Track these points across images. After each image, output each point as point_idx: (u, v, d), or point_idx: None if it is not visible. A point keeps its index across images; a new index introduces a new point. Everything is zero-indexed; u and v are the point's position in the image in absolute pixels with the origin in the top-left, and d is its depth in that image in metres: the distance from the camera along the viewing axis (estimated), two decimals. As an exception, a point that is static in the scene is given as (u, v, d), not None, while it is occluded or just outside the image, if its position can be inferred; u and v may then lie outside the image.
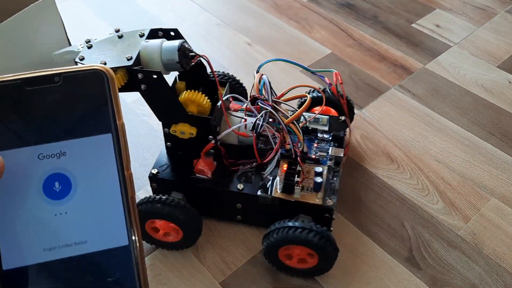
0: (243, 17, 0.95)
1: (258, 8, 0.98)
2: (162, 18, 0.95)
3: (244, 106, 0.57)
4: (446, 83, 0.81)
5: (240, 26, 0.93)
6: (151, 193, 0.59)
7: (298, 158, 0.53)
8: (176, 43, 0.50)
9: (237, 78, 0.68)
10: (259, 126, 0.51)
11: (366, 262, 0.57)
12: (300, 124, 0.58)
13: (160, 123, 0.56)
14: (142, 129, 0.73)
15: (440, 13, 0.96)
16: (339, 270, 0.56)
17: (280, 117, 0.51)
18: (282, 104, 0.53)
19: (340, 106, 0.63)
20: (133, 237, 0.25)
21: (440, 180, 0.66)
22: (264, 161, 0.54)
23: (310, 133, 0.61)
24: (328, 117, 0.62)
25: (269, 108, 0.51)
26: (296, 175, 0.52)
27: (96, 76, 0.25)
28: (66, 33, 0.64)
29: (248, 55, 0.86)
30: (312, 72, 0.59)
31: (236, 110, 0.59)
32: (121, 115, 0.26)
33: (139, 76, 0.48)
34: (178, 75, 0.58)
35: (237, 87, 0.67)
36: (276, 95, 0.55)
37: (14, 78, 0.24)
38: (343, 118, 0.62)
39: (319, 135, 0.60)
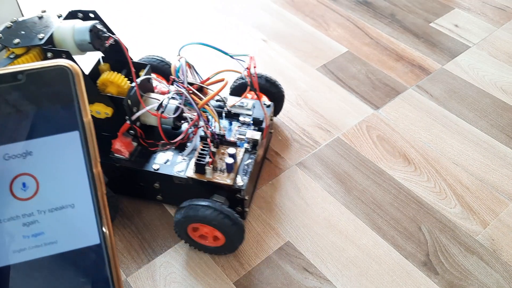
0: (259, 13, 0.94)
1: (274, 4, 0.97)
2: (177, 16, 0.95)
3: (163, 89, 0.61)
4: (464, 84, 0.80)
5: (256, 23, 0.92)
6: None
7: (208, 140, 0.55)
8: (88, 24, 0.50)
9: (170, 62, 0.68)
10: (165, 107, 0.55)
11: (382, 265, 0.56)
12: (226, 108, 0.62)
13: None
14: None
15: (458, 13, 0.95)
16: (354, 272, 0.55)
17: (194, 99, 0.54)
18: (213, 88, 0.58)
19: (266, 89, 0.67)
20: (105, 235, 0.24)
21: (458, 184, 0.65)
22: (171, 142, 0.56)
23: (232, 117, 0.62)
24: (254, 101, 0.63)
25: (183, 90, 0.54)
26: (208, 156, 0.54)
27: (61, 73, 0.24)
28: (18, 4, 0.66)
29: (263, 52, 0.86)
30: (231, 57, 0.61)
31: (164, 93, 0.60)
32: (88, 112, 0.24)
33: (49, 55, 0.48)
34: (103, 56, 0.58)
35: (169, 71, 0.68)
36: (202, 78, 0.59)
37: None
38: (268, 103, 0.64)
39: (241, 118, 0.62)
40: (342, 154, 0.69)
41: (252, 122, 0.61)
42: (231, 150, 0.56)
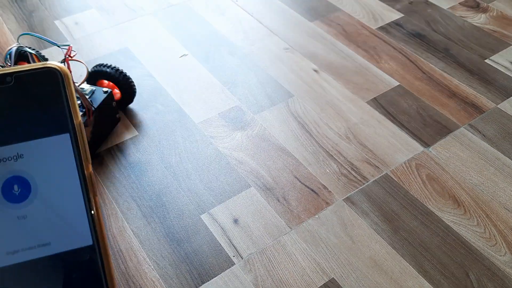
0: (311, 43, 0.96)
1: (326, 34, 0.98)
2: (232, 39, 0.97)
3: None
4: (519, 125, 0.78)
5: (308, 52, 0.94)
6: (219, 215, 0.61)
7: None
8: None
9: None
10: None
11: (427, 311, 0.56)
12: (82, 93, 0.67)
13: (229, 147, 0.57)
14: (209, 151, 0.75)
15: (516, 50, 0.93)
16: (399, 317, 0.55)
17: None
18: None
19: (119, 82, 0.76)
20: (97, 236, 0.24)
21: (509, 231, 0.64)
22: None
23: None
24: (94, 88, 0.71)
25: None
26: None
27: (50, 75, 0.25)
28: None
29: (315, 82, 0.87)
30: (58, 46, 0.67)
31: None
32: (78, 114, 0.25)
33: None
34: None
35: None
36: None
37: None
38: (106, 89, 0.71)
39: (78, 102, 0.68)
40: (390, 192, 0.69)
41: (83, 108, 0.68)
42: None
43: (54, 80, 0.24)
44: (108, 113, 0.73)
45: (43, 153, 0.24)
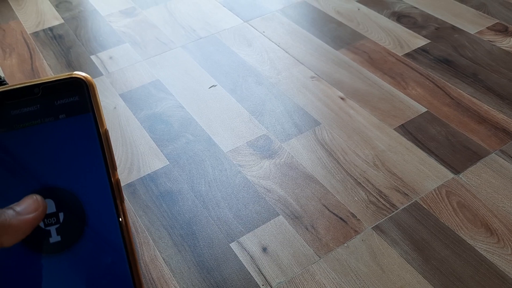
0: (337, 71, 0.97)
1: (352, 61, 0.99)
2: (259, 69, 1.00)
3: None
4: (553, 150, 0.76)
5: (334, 80, 0.95)
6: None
7: None
8: None
9: None
10: None
11: None
12: None
13: (257, 175, 0.58)
14: (237, 179, 0.77)
15: (547, 73, 0.92)
16: None
17: None
18: None
19: None
20: (125, 243, 0.25)
21: (546, 260, 0.62)
22: None
23: None
24: None
25: None
26: None
27: (76, 85, 0.25)
28: None
29: (341, 110, 0.88)
30: None
31: None
32: (104, 122, 0.25)
33: None
34: None
35: None
36: None
37: None
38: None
39: None
40: (420, 220, 0.68)
41: None
42: None
43: (80, 89, 0.25)
44: None
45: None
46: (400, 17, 1.11)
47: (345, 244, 0.66)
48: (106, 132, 0.25)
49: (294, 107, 0.89)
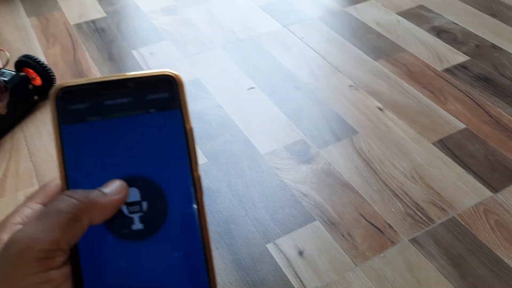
0: (375, 81, 0.98)
1: (391, 73, 1.00)
2: (297, 74, 1.01)
3: None
4: None
5: (372, 90, 0.95)
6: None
7: None
8: None
9: None
10: None
11: None
12: None
13: (294, 179, 0.59)
14: (274, 182, 0.77)
15: None
16: None
17: None
18: None
19: (40, 72, 0.93)
20: (203, 235, 0.26)
21: None
22: None
23: None
24: (13, 73, 0.89)
25: None
26: None
27: (166, 81, 0.26)
28: None
29: (379, 120, 0.88)
30: None
31: None
32: (190, 119, 0.26)
33: None
34: None
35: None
36: None
37: (91, 82, 0.26)
38: (23, 74, 0.89)
39: None
40: (457, 236, 0.68)
41: None
42: None
43: (170, 86, 0.26)
44: (24, 93, 0.90)
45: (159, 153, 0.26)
46: (440, 32, 1.11)
47: (382, 254, 0.66)
48: (191, 129, 0.26)
49: (332, 115, 0.90)
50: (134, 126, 0.26)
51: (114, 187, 0.25)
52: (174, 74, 0.26)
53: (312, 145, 0.84)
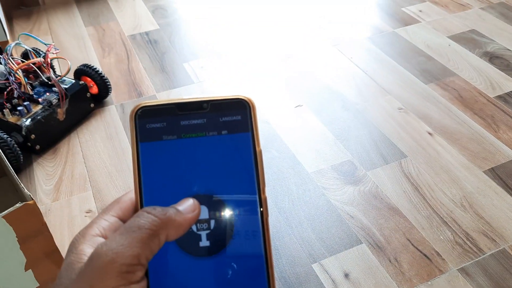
0: (425, 105, 0.97)
1: (441, 98, 0.99)
2: (345, 94, 1.01)
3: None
4: None
5: (422, 114, 0.95)
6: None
7: (5, 93, 0.86)
8: None
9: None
10: None
11: None
12: (55, 80, 0.89)
13: (340, 200, 0.59)
14: (321, 201, 0.78)
15: None
16: None
17: (11, 69, 0.86)
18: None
19: (97, 80, 0.97)
20: (267, 258, 0.26)
21: None
22: None
23: (49, 86, 0.91)
24: (73, 81, 0.93)
25: (2, 63, 0.86)
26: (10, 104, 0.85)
27: (240, 105, 0.27)
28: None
29: (429, 145, 0.87)
30: (44, 44, 0.92)
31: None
32: (259, 142, 0.27)
33: None
34: None
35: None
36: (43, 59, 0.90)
37: (169, 103, 0.27)
38: (82, 82, 0.94)
39: (54, 89, 0.90)
40: (508, 268, 0.67)
41: (56, 91, 0.90)
42: (26, 103, 0.86)
43: (243, 109, 0.27)
44: (82, 100, 0.95)
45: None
46: (492, 58, 1.09)
47: (429, 282, 0.65)
48: (260, 152, 0.27)
49: (380, 136, 0.90)
50: (206, 146, 0.27)
51: (188, 206, 0.26)
52: (247, 98, 0.27)
53: (360, 166, 0.84)
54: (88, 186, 0.83)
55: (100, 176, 0.85)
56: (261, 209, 0.27)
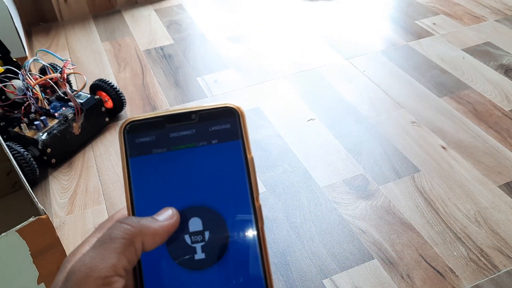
0: (439, 119, 0.96)
1: (455, 111, 0.98)
2: (358, 108, 1.01)
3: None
4: None
5: (435, 128, 0.94)
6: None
7: (23, 108, 0.88)
8: None
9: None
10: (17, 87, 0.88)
11: None
12: (71, 95, 0.91)
13: (352, 214, 0.58)
14: (332, 216, 0.77)
15: None
16: None
17: (28, 84, 0.88)
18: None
19: (112, 95, 0.99)
20: (264, 264, 0.26)
21: None
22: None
23: (65, 101, 0.93)
24: (89, 95, 0.95)
25: (21, 79, 0.88)
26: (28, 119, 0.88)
27: (228, 113, 0.27)
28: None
29: (442, 159, 0.86)
30: (61, 59, 0.95)
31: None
32: (251, 149, 0.27)
33: None
34: None
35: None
36: (60, 75, 0.93)
37: (157, 116, 0.27)
38: (97, 97, 0.95)
39: (70, 103, 0.92)
40: (525, 287, 0.65)
41: (72, 106, 0.92)
42: (43, 117, 0.88)
43: (232, 118, 0.27)
44: (97, 115, 0.96)
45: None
46: (508, 71, 1.08)
47: (442, 300, 0.64)
48: (252, 159, 0.27)
49: (393, 151, 0.89)
50: (197, 157, 0.27)
51: (165, 214, 0.26)
52: (236, 106, 0.27)
53: (372, 181, 0.83)
54: (101, 199, 0.84)
55: (113, 190, 0.86)
56: (256, 217, 0.27)
